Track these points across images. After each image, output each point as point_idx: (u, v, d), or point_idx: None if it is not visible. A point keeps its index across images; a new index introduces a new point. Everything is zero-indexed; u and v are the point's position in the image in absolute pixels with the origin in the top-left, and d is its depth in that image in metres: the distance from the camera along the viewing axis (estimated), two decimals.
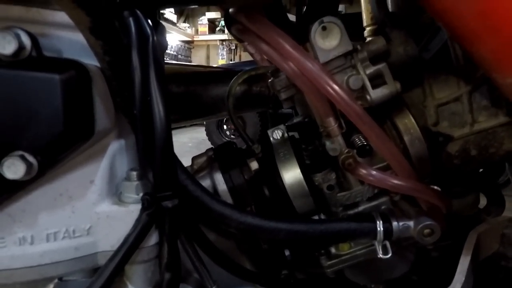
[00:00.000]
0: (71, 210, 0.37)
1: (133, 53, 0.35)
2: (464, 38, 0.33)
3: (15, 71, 0.29)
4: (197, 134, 4.48)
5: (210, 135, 3.71)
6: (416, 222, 0.43)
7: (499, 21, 0.29)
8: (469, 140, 0.44)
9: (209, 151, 0.59)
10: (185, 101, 0.73)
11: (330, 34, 0.38)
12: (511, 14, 0.29)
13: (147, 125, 0.37)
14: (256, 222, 0.43)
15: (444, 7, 0.30)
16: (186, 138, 4.68)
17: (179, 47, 6.61)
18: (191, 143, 4.52)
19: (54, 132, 0.31)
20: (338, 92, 0.38)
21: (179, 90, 0.72)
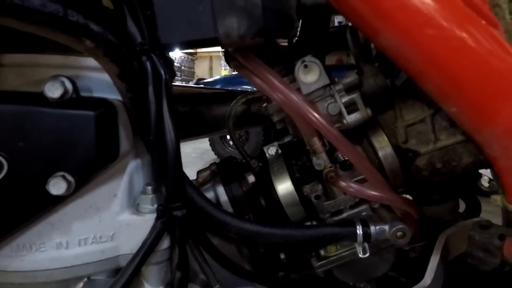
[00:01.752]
0: (99, 220, 0.45)
1: (149, 90, 0.43)
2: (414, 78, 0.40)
3: (60, 110, 0.37)
4: (200, 145, 4.56)
5: (213, 146, 3.80)
6: (391, 226, 0.51)
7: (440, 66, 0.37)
8: (434, 155, 0.51)
9: (213, 165, 0.66)
10: (190, 120, 0.82)
11: (311, 71, 0.46)
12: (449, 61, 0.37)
13: (160, 148, 0.45)
14: (253, 228, 0.51)
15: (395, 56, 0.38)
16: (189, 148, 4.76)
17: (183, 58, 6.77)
18: (195, 153, 4.61)
19: (89, 157, 0.39)
20: (318, 118, 0.45)
21: (185, 109, 0.81)
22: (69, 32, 0.31)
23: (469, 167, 0.51)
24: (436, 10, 0.35)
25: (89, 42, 0.33)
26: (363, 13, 0.37)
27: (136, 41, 0.43)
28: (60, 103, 0.37)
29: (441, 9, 0.35)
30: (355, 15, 0.38)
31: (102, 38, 0.34)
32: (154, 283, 0.49)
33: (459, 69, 0.37)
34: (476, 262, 0.53)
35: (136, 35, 0.43)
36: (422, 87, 0.40)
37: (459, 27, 0.35)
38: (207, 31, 0.44)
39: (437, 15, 0.36)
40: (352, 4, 0.37)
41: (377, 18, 0.37)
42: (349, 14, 0.39)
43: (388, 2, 0.35)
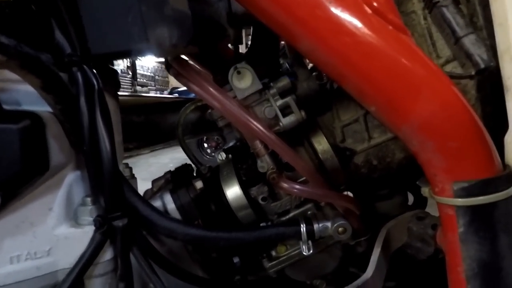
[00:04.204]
0: (33, 235, 0.44)
1: (81, 101, 0.43)
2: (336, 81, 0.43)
3: None
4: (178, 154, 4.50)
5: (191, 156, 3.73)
6: (333, 223, 0.53)
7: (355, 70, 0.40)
8: (369, 152, 0.54)
9: (167, 173, 0.67)
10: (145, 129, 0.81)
11: (244, 77, 0.47)
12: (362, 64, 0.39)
13: (95, 158, 0.44)
14: (199, 233, 0.51)
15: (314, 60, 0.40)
16: (167, 159, 4.68)
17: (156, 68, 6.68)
18: (172, 163, 4.54)
19: (13, 171, 0.38)
20: (253, 123, 0.47)
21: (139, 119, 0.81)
22: None
23: (402, 162, 0.54)
24: (346, 18, 0.38)
25: (0, 56, 0.32)
26: (282, 21, 0.39)
27: (65, 52, 0.43)
28: None
29: (350, 17, 0.38)
30: (274, 23, 0.40)
31: (16, 51, 0.33)
32: None
33: (372, 72, 0.39)
34: (414, 252, 0.56)
35: (65, 46, 0.43)
36: (344, 88, 0.42)
37: (368, 33, 0.38)
38: (138, 41, 0.44)
39: (347, 23, 0.38)
40: (270, 13, 0.39)
41: (294, 26, 0.39)
42: (269, 23, 0.41)
43: (301, 12, 0.38)
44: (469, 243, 0.44)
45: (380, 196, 0.70)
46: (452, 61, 0.47)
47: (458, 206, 0.44)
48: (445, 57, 0.47)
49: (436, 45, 0.48)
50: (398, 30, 0.40)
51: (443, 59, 0.48)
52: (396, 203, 0.72)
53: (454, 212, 0.44)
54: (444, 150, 0.42)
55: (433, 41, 0.48)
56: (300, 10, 0.38)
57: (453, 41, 0.44)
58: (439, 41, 0.48)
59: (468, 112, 0.42)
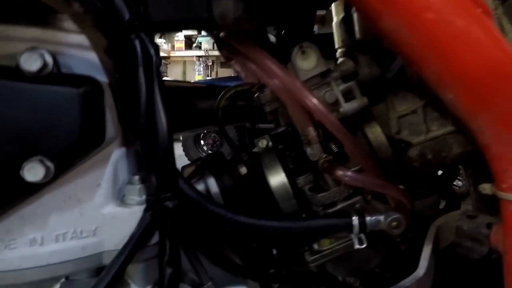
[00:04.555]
0: (79, 212, 0.40)
1: (139, 70, 0.40)
2: (413, 63, 0.41)
3: (39, 85, 0.33)
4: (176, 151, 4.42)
5: (187, 151, 3.70)
6: (386, 216, 0.50)
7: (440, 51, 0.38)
8: (425, 146, 0.52)
9: (198, 160, 0.64)
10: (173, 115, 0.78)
11: (308, 57, 0.45)
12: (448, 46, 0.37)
13: (151, 133, 0.41)
14: (247, 221, 0.48)
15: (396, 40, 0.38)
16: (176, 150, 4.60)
17: None
18: None
19: (71, 140, 0.35)
20: (317, 105, 0.44)
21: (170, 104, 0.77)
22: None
23: (457, 158, 0.53)
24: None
25: (78, 6, 0.29)
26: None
27: (124, 17, 0.40)
28: (38, 78, 0.33)
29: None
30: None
31: (92, 3, 0.31)
32: (141, 283, 0.45)
33: (457, 55, 0.37)
34: (465, 251, 0.54)
35: (124, 11, 0.40)
36: (421, 73, 0.40)
37: (457, 13, 0.36)
38: (201, 11, 0.42)
39: (436, 1, 0.36)
40: None
41: (378, 2, 0.37)
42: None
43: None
44: None
45: (417, 194, 0.68)
46: None
47: None
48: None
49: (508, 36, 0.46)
50: (485, 14, 0.38)
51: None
52: (430, 203, 0.70)
53: None
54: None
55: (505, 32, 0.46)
56: None
57: None
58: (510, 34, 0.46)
59: None
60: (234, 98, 0.80)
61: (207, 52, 5.96)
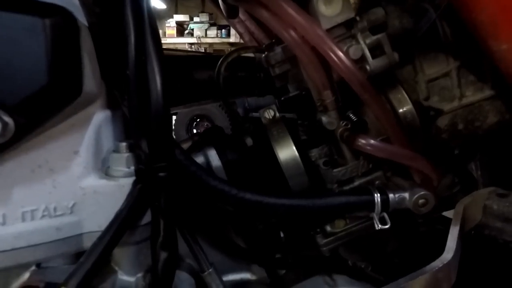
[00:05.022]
0: (52, 185, 0.33)
1: (126, 6, 0.32)
2: (464, 5, 0.34)
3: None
4: None
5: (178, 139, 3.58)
6: (411, 193, 0.44)
7: None
8: (457, 114, 0.46)
9: (194, 136, 0.56)
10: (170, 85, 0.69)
11: (333, 1, 0.37)
12: None
13: (141, 89, 0.33)
14: (255, 198, 0.41)
15: None
16: None
17: None
18: None
19: (36, 86, 0.27)
20: (343, 58, 0.37)
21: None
22: None
23: (492, 128, 0.47)
24: None
25: None
26: None
27: None
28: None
29: None
30: None
31: None
32: (129, 270, 0.38)
33: None
34: (494, 232, 0.48)
35: None
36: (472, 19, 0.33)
37: None
38: None
39: None
40: None
41: None
42: None
43: None
44: None
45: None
46: None
47: None
48: None
49: None
50: None
51: None
52: (445, 184, 0.65)
53: None
54: None
55: None
56: None
57: None
58: None
59: None
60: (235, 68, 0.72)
61: (199, 39, 5.77)
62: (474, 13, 0.33)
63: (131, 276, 0.38)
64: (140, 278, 0.38)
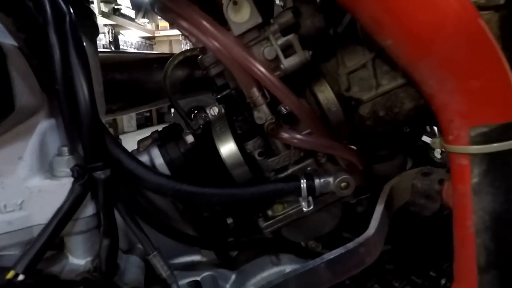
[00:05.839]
0: (1, 186, 0.38)
1: (49, 30, 0.37)
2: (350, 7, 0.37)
3: None
4: None
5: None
6: (335, 177, 0.49)
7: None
8: (376, 102, 0.50)
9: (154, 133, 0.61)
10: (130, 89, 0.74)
11: (241, 8, 0.41)
12: None
13: (71, 100, 0.39)
14: (190, 189, 0.47)
15: None
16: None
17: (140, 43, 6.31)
18: None
19: None
20: (253, 63, 0.41)
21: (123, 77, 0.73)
22: None
23: (410, 113, 0.50)
24: None
25: None
26: None
27: None
28: None
29: None
30: None
31: None
32: (79, 255, 0.44)
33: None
34: (418, 209, 0.53)
35: None
36: (358, 18, 0.37)
37: None
38: None
39: None
40: None
41: None
42: None
43: None
44: (483, 194, 0.41)
45: (380, 157, 0.66)
46: None
47: (473, 154, 0.40)
48: None
49: None
50: None
51: None
52: (396, 165, 0.69)
53: (469, 161, 0.41)
54: (464, 89, 0.38)
55: None
56: None
57: None
58: None
59: (495, 48, 0.37)
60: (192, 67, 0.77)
61: None
62: (359, 13, 0.37)
63: (81, 260, 0.44)
64: (89, 261, 0.44)
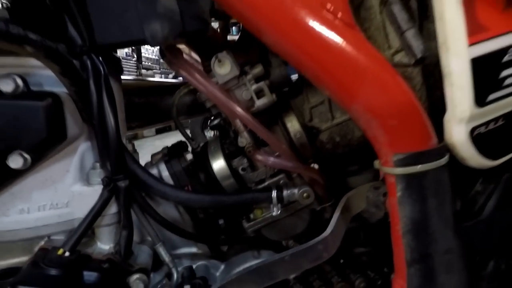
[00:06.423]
0: (55, 190, 0.55)
1: (90, 83, 0.54)
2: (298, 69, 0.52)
3: (14, 101, 0.47)
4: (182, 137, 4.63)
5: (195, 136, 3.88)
6: (299, 189, 0.63)
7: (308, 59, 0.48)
8: (333, 130, 0.63)
9: (164, 149, 0.77)
10: (147, 109, 0.92)
11: (224, 64, 0.57)
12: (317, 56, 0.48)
13: (103, 131, 0.55)
14: (186, 195, 0.62)
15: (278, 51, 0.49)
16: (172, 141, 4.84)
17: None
18: None
19: (40, 138, 0.49)
20: (231, 105, 0.57)
21: (140, 101, 0.91)
22: (13, 41, 0.41)
23: (361, 140, 0.63)
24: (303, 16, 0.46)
25: (30, 48, 0.43)
26: (248, 18, 0.48)
27: (77, 43, 0.53)
28: (13, 96, 0.47)
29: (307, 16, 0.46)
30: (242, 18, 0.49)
31: (41, 44, 0.44)
32: (105, 242, 0.60)
33: (323, 61, 0.48)
34: (368, 216, 0.65)
35: (77, 38, 0.53)
36: (304, 75, 0.51)
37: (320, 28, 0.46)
38: (136, 34, 0.54)
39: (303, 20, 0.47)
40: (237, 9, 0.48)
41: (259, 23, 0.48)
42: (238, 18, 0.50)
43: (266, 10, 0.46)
44: (405, 205, 0.53)
45: (351, 171, 0.79)
46: (400, 51, 0.54)
47: (397, 174, 0.53)
48: (395, 47, 0.55)
49: (388, 37, 0.55)
50: (346, 26, 0.48)
51: (393, 49, 0.55)
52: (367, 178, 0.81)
53: (394, 180, 0.53)
54: (385, 127, 0.51)
55: (386, 33, 0.55)
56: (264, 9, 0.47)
57: (399, 34, 0.52)
58: (391, 33, 0.55)
59: (407, 94, 0.50)
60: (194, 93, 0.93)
61: None
62: (303, 71, 0.51)
63: (106, 245, 0.60)
64: (112, 247, 0.60)
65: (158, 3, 0.52)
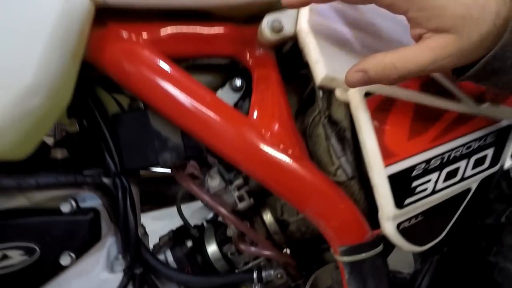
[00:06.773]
0: (87, 278, 0.74)
1: (119, 198, 0.75)
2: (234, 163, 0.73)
3: (69, 217, 0.69)
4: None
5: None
6: (274, 270, 0.80)
7: (261, 176, 0.70)
8: (299, 222, 0.83)
9: (170, 232, 0.97)
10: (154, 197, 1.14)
11: (214, 179, 0.79)
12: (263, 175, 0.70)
13: (126, 231, 0.75)
14: (187, 278, 0.80)
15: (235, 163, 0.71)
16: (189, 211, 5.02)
17: None
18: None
19: (83, 242, 0.70)
20: (220, 208, 0.77)
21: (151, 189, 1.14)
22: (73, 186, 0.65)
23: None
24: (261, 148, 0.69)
25: (86, 187, 0.66)
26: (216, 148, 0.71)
27: (111, 169, 0.76)
28: (69, 214, 0.69)
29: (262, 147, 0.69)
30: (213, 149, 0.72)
31: (93, 181, 0.67)
32: None
33: (277, 183, 0.69)
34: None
35: (111, 165, 0.76)
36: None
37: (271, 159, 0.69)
38: (153, 161, 0.77)
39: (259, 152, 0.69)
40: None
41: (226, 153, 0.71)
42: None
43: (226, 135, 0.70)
44: (352, 285, 0.70)
45: (324, 249, 0.96)
46: (340, 168, 0.76)
47: (343, 261, 0.71)
48: (337, 165, 0.77)
49: (332, 157, 0.77)
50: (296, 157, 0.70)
51: (336, 166, 0.77)
52: None
53: (342, 265, 0.71)
54: (330, 227, 0.71)
55: (330, 154, 0.78)
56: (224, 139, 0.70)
57: (337, 158, 0.75)
58: (333, 155, 0.78)
59: (346, 202, 0.70)
60: None
61: None
62: (263, 185, 0.73)
63: None
64: None
65: (168, 141, 0.77)
